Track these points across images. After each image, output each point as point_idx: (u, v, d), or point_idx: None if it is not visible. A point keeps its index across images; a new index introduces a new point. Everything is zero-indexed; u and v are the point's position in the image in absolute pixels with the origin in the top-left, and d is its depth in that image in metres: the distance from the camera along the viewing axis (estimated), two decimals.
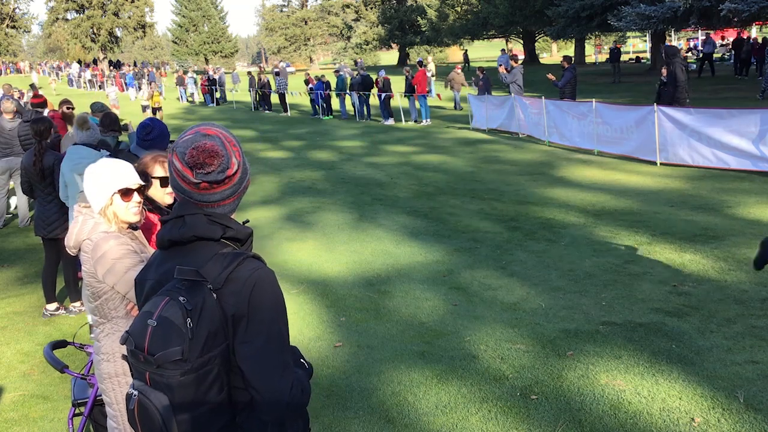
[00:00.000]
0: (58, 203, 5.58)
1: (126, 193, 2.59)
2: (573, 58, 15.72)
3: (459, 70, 22.35)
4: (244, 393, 1.62)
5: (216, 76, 30.87)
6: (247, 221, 1.79)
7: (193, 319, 1.55)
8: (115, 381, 2.60)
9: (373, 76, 21.78)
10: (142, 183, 2.65)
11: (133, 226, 2.68)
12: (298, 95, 25.41)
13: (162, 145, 4.19)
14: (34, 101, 10.46)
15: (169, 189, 3.17)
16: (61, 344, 3.09)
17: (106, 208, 2.59)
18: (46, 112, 10.22)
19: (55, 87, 35.76)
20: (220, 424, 1.62)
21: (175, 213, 1.70)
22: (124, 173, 2.60)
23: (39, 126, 5.73)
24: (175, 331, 1.55)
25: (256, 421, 1.64)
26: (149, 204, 2.99)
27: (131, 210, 2.60)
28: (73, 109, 8.95)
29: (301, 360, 1.84)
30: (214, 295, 1.58)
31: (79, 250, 2.65)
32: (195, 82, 32.55)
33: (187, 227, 1.66)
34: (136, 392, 1.62)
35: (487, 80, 18.92)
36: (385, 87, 19.94)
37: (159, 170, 3.12)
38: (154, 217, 3.04)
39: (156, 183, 3.11)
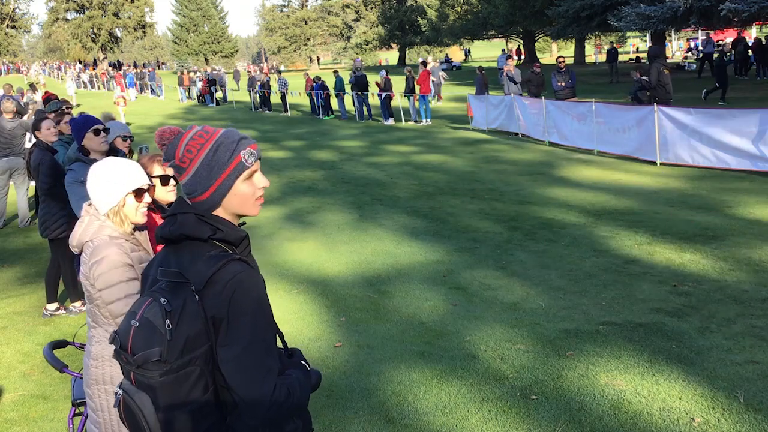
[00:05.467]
0: (50, 204, 5.53)
1: (139, 194, 2.55)
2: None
3: (538, 69, 17.09)
4: None
5: (218, 77, 30.91)
6: (243, 223, 1.78)
7: (172, 320, 1.56)
8: (102, 388, 2.56)
9: (375, 77, 21.77)
10: (151, 183, 2.63)
11: (139, 227, 2.66)
12: (298, 95, 25.42)
13: None
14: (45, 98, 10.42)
15: (170, 187, 3.17)
16: (61, 344, 3.08)
17: (118, 209, 2.54)
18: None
19: (124, 110, 22.29)
20: (206, 423, 1.61)
21: (170, 211, 1.72)
22: (137, 173, 2.56)
23: (33, 124, 5.74)
24: (154, 332, 1.57)
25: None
26: (151, 204, 2.98)
27: (141, 210, 2.57)
28: (71, 107, 8.97)
29: (302, 362, 1.82)
30: (197, 297, 1.58)
31: (81, 250, 2.63)
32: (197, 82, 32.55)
33: (176, 225, 1.66)
34: (121, 391, 1.65)
35: (483, 80, 18.95)
36: (387, 87, 19.94)
37: (158, 169, 3.12)
38: (158, 217, 3.04)
39: (156, 182, 3.11)
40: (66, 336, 4.95)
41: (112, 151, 4.64)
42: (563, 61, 15.07)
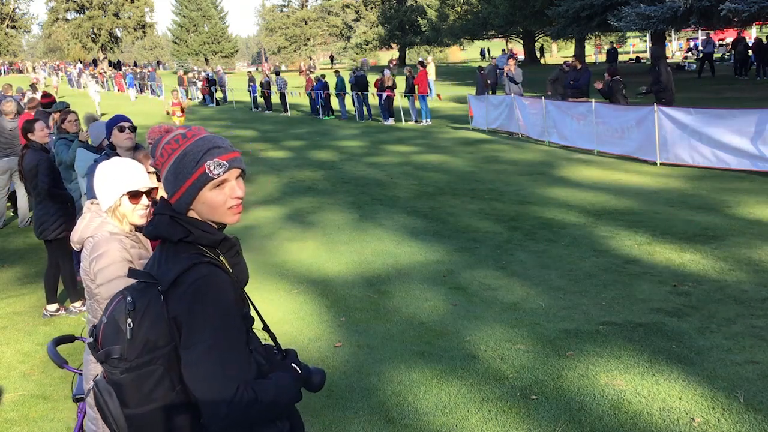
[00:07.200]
0: (48, 204, 5.53)
1: (134, 196, 2.57)
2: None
3: (567, 68, 15.52)
4: None
5: (217, 77, 30.91)
6: (224, 226, 1.76)
7: (134, 320, 1.59)
8: None
9: (376, 76, 21.78)
10: (152, 186, 2.63)
11: (139, 228, 2.67)
12: (298, 95, 25.42)
13: None
14: (44, 101, 10.42)
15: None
16: (68, 339, 3.09)
17: (115, 208, 2.59)
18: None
19: (181, 121, 18.94)
20: (177, 421, 1.62)
21: (154, 210, 1.75)
22: (134, 175, 2.58)
23: (25, 125, 5.74)
24: (118, 330, 1.61)
25: None
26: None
27: (138, 213, 2.59)
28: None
29: (293, 364, 1.80)
30: (162, 298, 1.59)
31: (83, 246, 2.65)
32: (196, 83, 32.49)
33: (152, 226, 1.69)
34: (93, 384, 1.69)
35: (483, 80, 18.95)
36: (393, 86, 19.93)
37: (150, 167, 3.14)
38: None
39: (153, 178, 3.13)
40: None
41: (138, 147, 4.67)
42: (576, 61, 15.07)
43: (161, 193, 3.06)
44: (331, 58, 66.58)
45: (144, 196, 2.60)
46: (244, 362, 1.62)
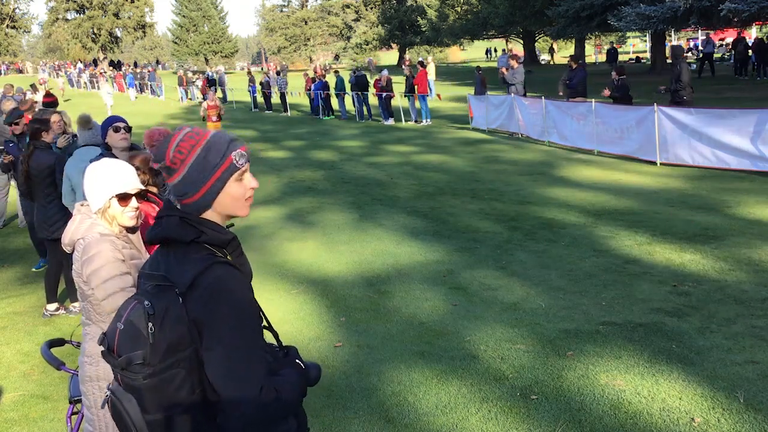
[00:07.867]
0: (59, 203, 5.56)
1: (123, 198, 2.55)
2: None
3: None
4: None
5: (217, 76, 30.89)
6: (232, 225, 1.77)
7: (155, 324, 1.57)
8: (96, 385, 2.58)
9: (376, 76, 21.78)
10: (142, 188, 2.62)
11: (130, 230, 2.66)
12: (298, 95, 25.42)
13: None
14: (46, 100, 10.46)
15: None
16: (58, 342, 3.09)
17: (104, 210, 2.57)
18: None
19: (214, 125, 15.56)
20: (194, 424, 1.62)
21: (158, 213, 1.73)
22: (124, 177, 2.56)
23: (32, 125, 5.74)
24: (138, 335, 1.59)
25: None
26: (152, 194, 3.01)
27: (127, 215, 2.57)
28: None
29: (297, 360, 1.82)
30: (180, 300, 1.58)
31: (74, 248, 2.64)
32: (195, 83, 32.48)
33: (161, 228, 1.68)
34: (109, 393, 1.67)
35: (481, 80, 18.93)
36: (387, 86, 19.93)
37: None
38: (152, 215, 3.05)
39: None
40: (65, 335, 4.94)
41: (134, 147, 4.67)
42: (571, 60, 14.91)
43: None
44: (336, 57, 66.57)
45: (134, 198, 2.58)
46: (264, 360, 1.64)
